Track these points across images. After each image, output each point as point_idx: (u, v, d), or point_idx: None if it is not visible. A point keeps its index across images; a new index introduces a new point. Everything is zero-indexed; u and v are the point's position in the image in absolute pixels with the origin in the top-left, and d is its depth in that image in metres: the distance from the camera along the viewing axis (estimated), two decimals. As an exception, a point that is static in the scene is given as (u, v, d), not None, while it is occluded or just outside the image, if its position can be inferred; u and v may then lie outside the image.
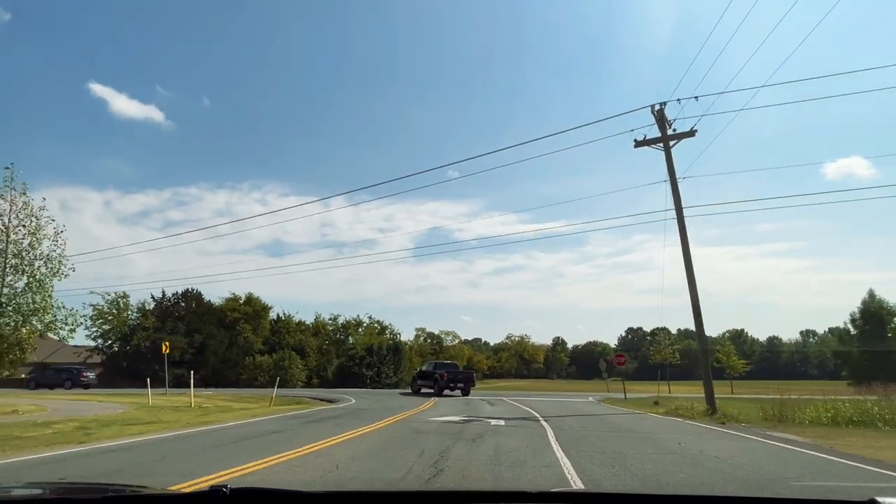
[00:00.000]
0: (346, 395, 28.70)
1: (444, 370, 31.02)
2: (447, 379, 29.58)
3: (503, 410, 18.95)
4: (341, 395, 29.55)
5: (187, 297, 59.52)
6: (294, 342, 63.67)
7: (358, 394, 29.54)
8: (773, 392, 21.69)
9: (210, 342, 56.28)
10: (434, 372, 31.17)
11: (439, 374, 30.14)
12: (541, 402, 24.51)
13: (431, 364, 34.66)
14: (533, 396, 29.90)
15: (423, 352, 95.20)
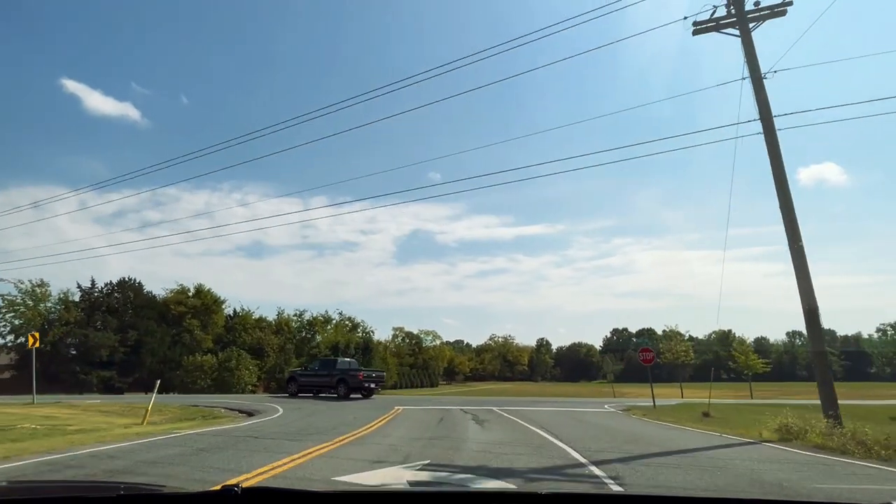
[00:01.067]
0: (277, 405, 20.66)
1: (334, 371, 25.96)
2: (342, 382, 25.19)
3: (502, 437, 11.13)
4: (275, 403, 21.54)
5: (123, 288, 50.71)
6: (251, 340, 55.25)
7: (302, 402, 21.84)
8: (802, 394, 15.61)
9: (147, 340, 47.59)
10: (318, 372, 26.55)
11: (326, 374, 25.87)
12: (551, 417, 16.77)
13: (319, 362, 29.25)
14: (531, 406, 22.15)
15: (400, 352, 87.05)
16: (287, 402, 22.48)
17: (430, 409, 18.64)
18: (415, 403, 21.72)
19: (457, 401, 24.65)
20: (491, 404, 21.61)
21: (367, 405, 20.52)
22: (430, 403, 21.69)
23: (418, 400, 24.87)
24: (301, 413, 17.26)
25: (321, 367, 27.27)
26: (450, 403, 21.47)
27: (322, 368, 27.03)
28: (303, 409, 19.25)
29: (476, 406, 20.59)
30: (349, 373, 25.53)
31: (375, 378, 26.97)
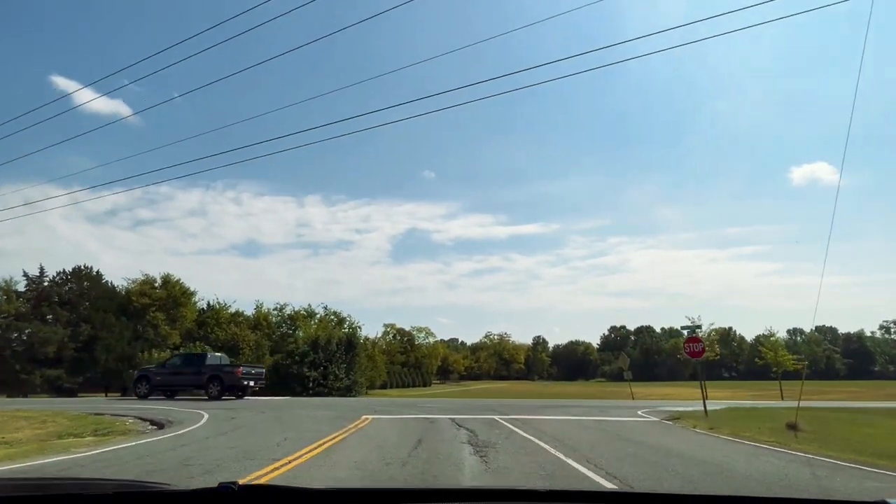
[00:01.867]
0: (207, 411, 15.26)
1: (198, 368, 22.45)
2: None
3: (523, 482, 5.80)
4: (207, 409, 16.16)
5: (78, 278, 45.05)
6: (225, 336, 49.67)
7: (244, 407, 16.68)
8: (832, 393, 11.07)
9: (104, 335, 41.97)
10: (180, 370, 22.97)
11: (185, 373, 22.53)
12: (581, 434, 11.53)
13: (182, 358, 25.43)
14: (543, 413, 16.77)
15: (391, 350, 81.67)
16: (221, 408, 17.06)
17: (409, 421, 13.31)
18: (393, 410, 16.41)
19: (449, 405, 19.36)
20: (491, 410, 16.34)
21: (328, 414, 15.16)
22: (413, 410, 16.38)
23: (400, 405, 19.58)
24: (229, 425, 11.98)
25: (184, 364, 23.54)
26: (439, 410, 16.14)
27: (186, 365, 23.31)
28: (238, 417, 13.92)
29: (473, 414, 15.27)
30: (224, 369, 22.35)
31: (255, 375, 23.52)
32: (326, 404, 19.49)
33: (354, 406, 18.33)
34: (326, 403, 20.02)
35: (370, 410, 16.06)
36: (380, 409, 16.97)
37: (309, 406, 18.46)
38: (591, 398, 44.57)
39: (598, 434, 11.35)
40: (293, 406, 18.42)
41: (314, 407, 17.86)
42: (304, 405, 18.94)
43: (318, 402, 21.12)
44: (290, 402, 21.02)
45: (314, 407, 17.86)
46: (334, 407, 18.02)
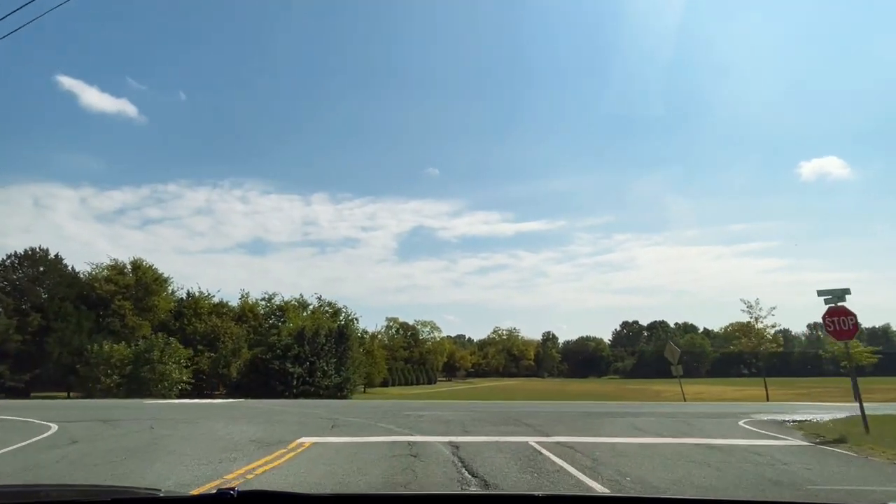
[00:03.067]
0: (69, 423, 9.06)
1: None
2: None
3: None
4: (90, 419, 10.01)
5: (34, 262, 39.09)
6: (205, 329, 43.58)
7: (174, 412, 10.73)
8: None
9: (58, 326, 35.96)
10: None
11: None
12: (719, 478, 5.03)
13: None
14: (608, 432, 10.29)
15: (394, 345, 75.36)
16: (103, 419, 10.76)
17: (371, 451, 7.00)
18: (362, 426, 10.14)
19: (453, 413, 13.13)
20: (516, 422, 10.10)
21: (245, 435, 8.85)
22: (395, 423, 10.12)
23: (382, 413, 13.27)
24: (49, 455, 5.83)
25: None
26: (436, 424, 9.93)
27: None
28: (90, 435, 7.71)
29: (489, 432, 8.95)
30: None
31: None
32: (272, 413, 13.23)
33: (313, 416, 12.10)
34: (275, 411, 13.75)
35: (326, 425, 9.82)
36: (345, 422, 10.68)
37: (239, 416, 12.23)
38: (625, 399, 38.08)
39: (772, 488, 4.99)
40: (215, 415, 12.19)
41: (245, 418, 11.61)
42: (231, 414, 12.70)
43: (265, 409, 14.78)
44: (223, 409, 14.77)
45: (245, 418, 11.61)
46: (280, 417, 11.79)
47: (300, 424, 10.08)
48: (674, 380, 32.30)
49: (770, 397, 31.51)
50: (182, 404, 15.63)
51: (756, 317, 37.88)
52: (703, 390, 51.96)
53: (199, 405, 15.81)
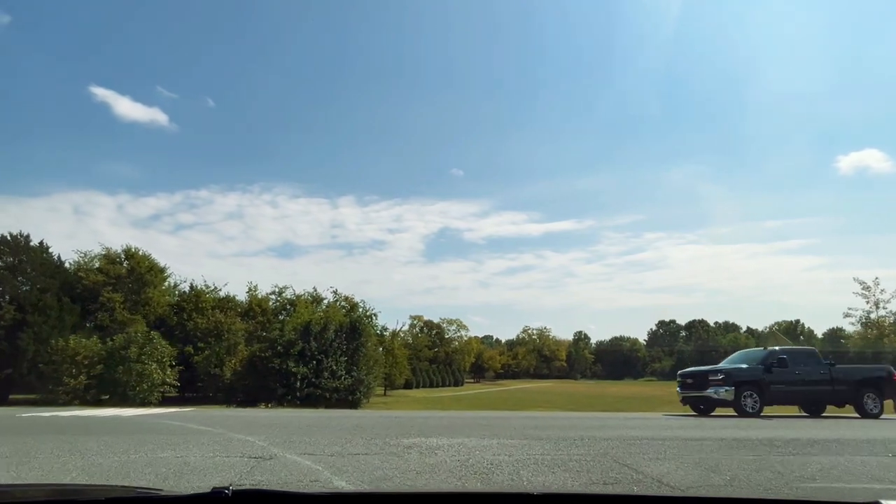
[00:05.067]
0: None
1: None
2: None
3: None
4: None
5: (13, 249, 34.51)
6: (207, 324, 38.42)
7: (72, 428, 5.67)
8: None
9: (34, 320, 31.15)
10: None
11: None
12: None
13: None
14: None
15: (418, 345, 69.41)
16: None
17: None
18: (301, 473, 4.20)
19: (491, 437, 7.03)
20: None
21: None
22: (356, 473, 4.10)
23: (359, 436, 7.15)
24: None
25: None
26: (463, 468, 3.90)
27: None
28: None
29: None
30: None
31: None
32: (161, 442, 7.30)
33: (232, 445, 6.14)
34: (191, 432, 7.80)
35: (294, 435, 3.82)
36: (277, 464, 4.67)
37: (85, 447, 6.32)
38: None
39: None
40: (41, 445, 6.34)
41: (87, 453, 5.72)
42: (74, 445, 6.79)
43: (173, 429, 8.75)
44: (99, 425, 8.84)
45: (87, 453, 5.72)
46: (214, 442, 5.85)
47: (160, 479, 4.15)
48: None
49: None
50: (54, 418, 9.83)
51: (877, 301, 30.15)
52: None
53: (67, 420, 9.98)
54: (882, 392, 13.22)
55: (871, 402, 13.00)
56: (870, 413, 12.85)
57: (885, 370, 13.85)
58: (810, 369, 13.38)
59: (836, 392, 13.30)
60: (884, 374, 13.63)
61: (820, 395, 13.50)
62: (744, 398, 12.65)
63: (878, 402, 13.03)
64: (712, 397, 13.07)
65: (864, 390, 13.10)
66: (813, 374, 13.32)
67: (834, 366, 13.57)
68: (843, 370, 13.71)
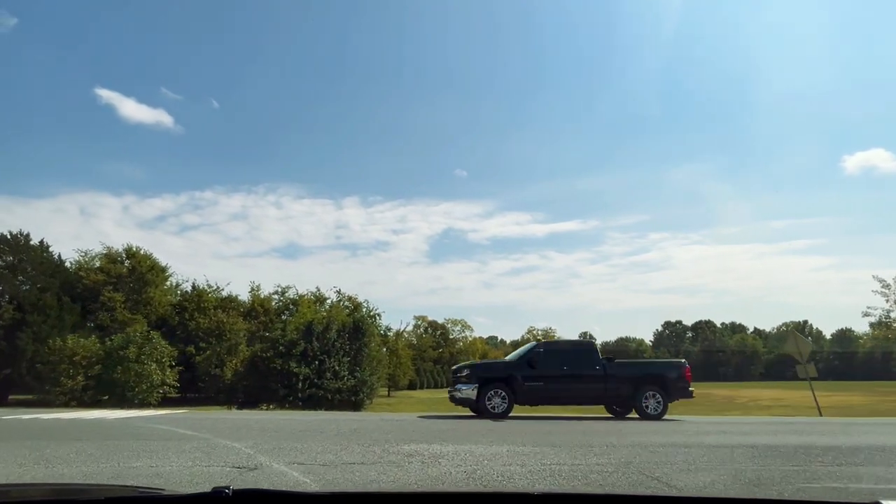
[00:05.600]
0: None
1: None
2: None
3: None
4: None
5: (15, 248, 34.20)
6: (208, 324, 38.01)
7: None
8: None
9: (33, 320, 30.82)
10: None
11: None
12: None
13: None
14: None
15: (422, 345, 68.87)
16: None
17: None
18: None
19: (506, 449, 6.44)
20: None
21: None
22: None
23: (351, 440, 6.59)
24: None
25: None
26: None
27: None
28: None
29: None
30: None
31: None
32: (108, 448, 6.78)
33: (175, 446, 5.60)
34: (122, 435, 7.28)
35: None
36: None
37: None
38: (692, 404, 30.60)
39: None
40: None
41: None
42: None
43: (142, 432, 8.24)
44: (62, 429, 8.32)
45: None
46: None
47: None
48: (730, 383, 24.97)
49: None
50: (35, 421, 9.35)
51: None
52: (782, 395, 43.45)
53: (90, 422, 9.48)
54: (667, 390, 11.81)
55: (653, 402, 11.63)
56: (649, 414, 11.48)
57: (676, 366, 12.55)
58: (581, 365, 12.04)
59: (610, 390, 11.91)
60: (672, 370, 12.32)
61: (589, 393, 12.06)
62: (488, 397, 11.44)
63: (661, 402, 11.62)
64: (456, 395, 11.85)
65: (646, 389, 11.73)
66: (583, 370, 11.98)
67: (613, 361, 12.40)
68: (621, 366, 12.45)
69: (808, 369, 16.50)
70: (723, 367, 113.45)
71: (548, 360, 12.10)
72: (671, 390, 11.88)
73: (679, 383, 12.03)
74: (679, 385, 12.01)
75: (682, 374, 12.18)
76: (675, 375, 12.12)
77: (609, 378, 11.90)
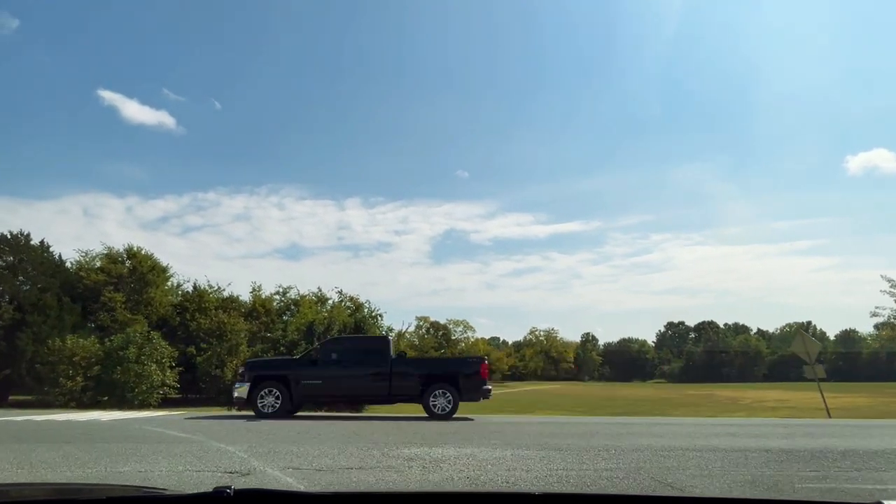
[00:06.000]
0: None
1: None
2: None
3: None
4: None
5: (15, 248, 34.11)
6: (209, 325, 37.80)
7: None
8: None
9: (33, 320, 30.66)
10: None
11: None
12: None
13: None
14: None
15: (424, 346, 68.65)
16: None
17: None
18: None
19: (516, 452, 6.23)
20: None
21: None
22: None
23: (352, 431, 6.41)
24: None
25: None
26: None
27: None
28: None
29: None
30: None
31: None
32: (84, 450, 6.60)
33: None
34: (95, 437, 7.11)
35: None
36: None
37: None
38: (701, 406, 30.31)
39: None
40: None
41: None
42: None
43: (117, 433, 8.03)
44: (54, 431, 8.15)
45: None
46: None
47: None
48: (733, 384, 24.64)
49: None
50: (27, 423, 9.16)
51: None
52: (787, 397, 43.14)
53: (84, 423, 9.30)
54: (459, 388, 11.10)
55: (443, 401, 10.96)
56: (437, 413, 10.86)
57: (470, 363, 11.91)
58: (368, 362, 11.45)
59: (396, 388, 11.26)
60: (466, 367, 11.63)
61: (374, 391, 11.43)
62: (261, 396, 10.88)
63: (451, 401, 10.95)
64: (234, 395, 11.34)
65: (435, 386, 11.06)
66: (369, 367, 11.36)
67: (404, 356, 11.86)
68: (409, 363, 11.88)
69: (817, 370, 16.25)
70: (726, 367, 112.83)
71: (333, 357, 11.53)
72: (463, 388, 11.19)
73: (473, 381, 11.30)
74: (473, 383, 11.29)
75: (476, 372, 11.42)
76: (469, 373, 11.40)
77: (395, 375, 11.29)
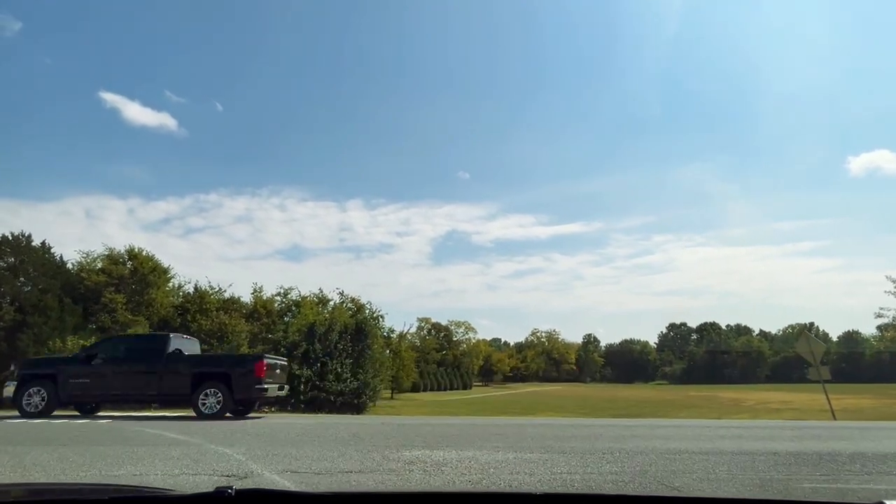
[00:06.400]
0: None
1: None
2: None
3: None
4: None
5: (16, 249, 34.09)
6: (211, 326, 37.75)
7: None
8: None
9: (34, 321, 30.66)
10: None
11: None
12: None
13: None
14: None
15: (425, 347, 68.54)
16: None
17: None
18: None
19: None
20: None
21: None
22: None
23: (353, 433, 6.32)
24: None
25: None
26: None
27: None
28: None
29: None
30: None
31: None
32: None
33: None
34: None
35: None
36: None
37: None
38: (703, 407, 30.13)
39: None
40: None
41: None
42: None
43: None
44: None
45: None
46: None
47: None
48: (735, 385, 24.30)
49: None
50: (23, 424, 9.08)
51: None
52: (791, 398, 42.91)
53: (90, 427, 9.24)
54: (232, 388, 10.66)
55: (212, 400, 10.52)
56: (205, 413, 10.41)
57: (244, 361, 11.54)
58: (144, 360, 11.08)
59: (166, 387, 10.85)
60: (239, 365, 11.18)
61: (145, 390, 11.01)
62: (28, 395, 10.59)
63: (222, 401, 10.53)
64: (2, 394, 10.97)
65: (206, 385, 10.63)
66: (143, 365, 11.01)
67: (178, 353, 11.41)
68: (180, 361, 11.30)
69: (822, 371, 16.11)
70: (728, 369, 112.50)
71: (110, 356, 11.26)
72: (236, 388, 10.74)
73: (247, 380, 10.83)
74: (246, 382, 10.81)
75: (251, 370, 10.95)
76: (243, 371, 10.93)
77: (166, 374, 10.89)
